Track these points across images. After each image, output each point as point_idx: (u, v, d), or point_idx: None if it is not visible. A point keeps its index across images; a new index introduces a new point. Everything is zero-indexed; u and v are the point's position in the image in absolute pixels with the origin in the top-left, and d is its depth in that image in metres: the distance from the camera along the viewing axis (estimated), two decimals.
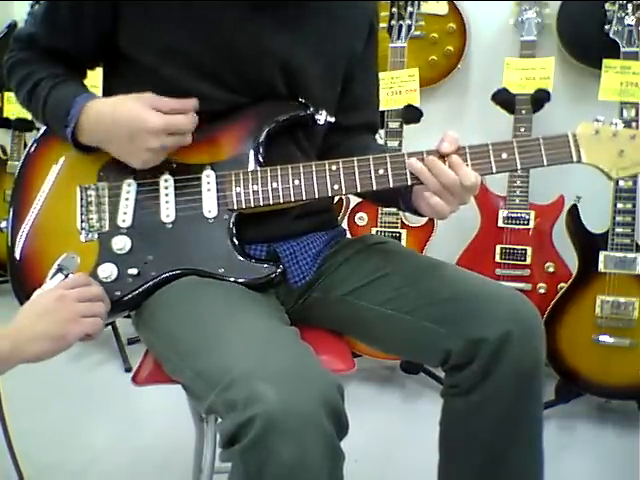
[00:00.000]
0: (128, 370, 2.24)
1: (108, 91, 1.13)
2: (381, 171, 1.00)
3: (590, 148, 0.99)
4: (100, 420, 1.94)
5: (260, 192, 1.01)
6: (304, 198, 1.01)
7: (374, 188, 1.00)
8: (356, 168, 1.00)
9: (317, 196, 1.01)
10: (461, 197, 0.97)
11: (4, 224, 1.09)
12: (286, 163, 1.02)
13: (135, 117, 0.95)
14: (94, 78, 1.18)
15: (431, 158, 0.97)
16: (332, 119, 1.13)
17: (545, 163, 0.99)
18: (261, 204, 1.02)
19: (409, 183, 0.99)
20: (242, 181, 1.02)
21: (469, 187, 0.96)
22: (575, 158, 0.99)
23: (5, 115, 2.68)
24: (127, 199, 1.04)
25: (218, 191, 1.03)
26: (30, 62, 1.07)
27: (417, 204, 1.04)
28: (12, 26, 2.75)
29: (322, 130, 1.15)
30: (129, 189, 1.04)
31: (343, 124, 1.19)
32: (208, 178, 1.03)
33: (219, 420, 0.80)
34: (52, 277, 1.02)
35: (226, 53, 1.02)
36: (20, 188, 1.10)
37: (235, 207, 1.02)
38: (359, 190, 1.01)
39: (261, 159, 1.04)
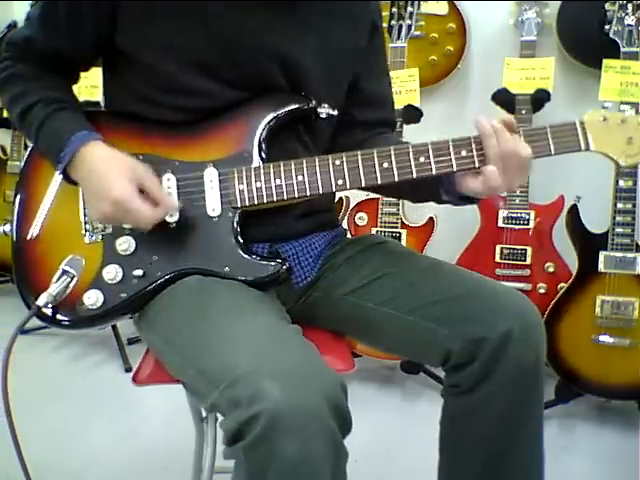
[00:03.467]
0: (128, 370, 2.25)
1: (109, 90, 1.13)
2: (385, 164, 0.99)
3: (598, 135, 0.97)
4: (100, 420, 1.94)
5: (264, 189, 1.01)
6: (308, 194, 1.01)
7: (379, 182, 0.99)
8: (360, 162, 0.99)
9: (321, 191, 1.00)
10: (511, 173, 0.95)
11: (8, 227, 1.08)
12: (288, 159, 1.02)
13: (106, 178, 0.95)
14: (94, 78, 1.18)
15: (499, 125, 0.96)
16: (335, 112, 1.13)
17: (553, 152, 0.97)
18: (265, 201, 1.01)
19: (414, 176, 0.98)
20: (245, 178, 1.02)
21: (524, 158, 0.94)
22: (583, 146, 0.98)
23: (5, 115, 2.68)
24: None
25: (221, 189, 1.02)
26: (24, 79, 1.05)
27: (463, 182, 1.00)
28: (12, 26, 2.75)
29: (327, 127, 1.15)
30: None
31: (359, 119, 1.19)
32: (211, 176, 1.02)
33: (220, 419, 0.80)
34: (57, 279, 1.02)
35: (225, 48, 1.02)
36: (24, 190, 1.09)
37: (239, 205, 1.01)
38: (363, 185, 1.00)
39: (264, 155, 1.04)
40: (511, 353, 0.97)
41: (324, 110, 1.10)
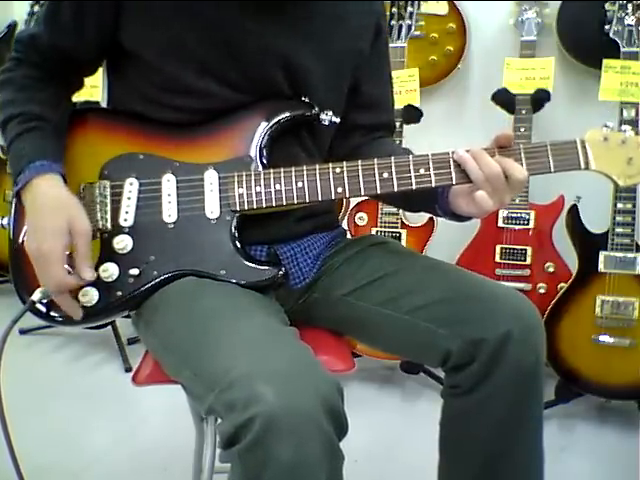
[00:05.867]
0: (128, 370, 2.25)
1: (112, 91, 1.13)
2: (385, 174, 1.00)
3: (599, 155, 0.98)
4: (100, 420, 1.94)
5: (263, 193, 1.01)
6: (307, 200, 1.01)
7: (378, 192, 1.00)
8: (360, 171, 1.00)
9: (320, 199, 1.01)
10: (502, 193, 0.95)
11: (6, 221, 1.08)
12: (290, 164, 1.02)
13: (44, 226, 0.95)
14: (94, 78, 1.18)
15: (477, 149, 0.97)
16: (337, 119, 1.13)
17: (552, 169, 0.98)
18: (264, 205, 1.01)
19: (414, 187, 0.99)
20: (245, 182, 1.02)
21: (515, 180, 0.94)
22: (583, 165, 0.98)
23: None
24: (129, 198, 1.03)
25: (221, 192, 1.02)
26: (16, 87, 1.05)
27: (456, 204, 1.01)
28: (12, 26, 2.75)
29: (329, 131, 1.15)
30: (131, 188, 1.04)
31: (358, 123, 1.19)
32: (211, 178, 1.03)
33: (219, 420, 0.80)
34: None
35: (228, 51, 1.02)
36: None
37: (238, 208, 1.01)
38: (363, 194, 1.01)
39: (264, 160, 1.04)
40: (510, 354, 0.97)
41: (327, 117, 1.10)
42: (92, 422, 1.92)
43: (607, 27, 1.82)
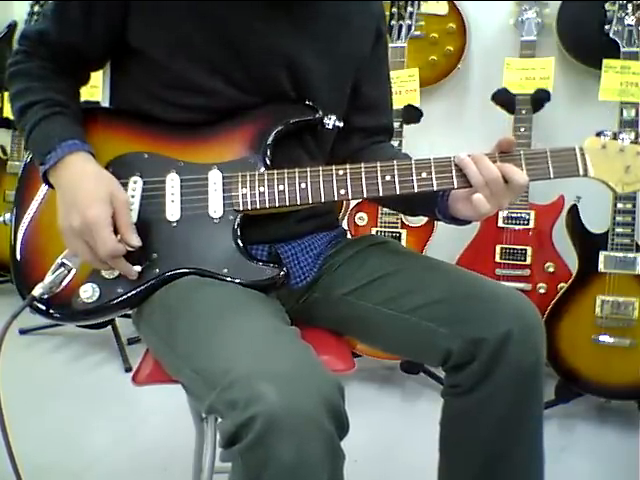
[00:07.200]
0: (128, 370, 2.25)
1: (115, 90, 1.13)
2: (388, 177, 1.00)
3: (597, 162, 0.99)
4: (100, 420, 1.93)
5: (266, 194, 1.01)
6: (310, 202, 1.01)
7: (380, 194, 1.00)
8: (363, 174, 1.00)
9: (323, 200, 1.01)
10: (500, 197, 0.96)
11: (8, 216, 1.08)
12: (293, 166, 1.02)
13: (88, 194, 0.94)
14: (94, 78, 1.18)
15: (479, 153, 0.97)
16: (341, 124, 1.13)
17: (552, 176, 0.99)
18: (267, 206, 1.01)
19: (416, 190, 0.99)
20: (249, 182, 1.02)
21: (516, 184, 0.95)
22: (582, 172, 0.99)
23: (5, 115, 2.68)
24: (133, 196, 1.03)
25: (224, 191, 1.02)
26: (31, 76, 1.05)
27: (455, 209, 1.02)
28: (12, 26, 2.75)
29: (332, 134, 1.15)
30: (135, 186, 1.03)
31: (357, 126, 1.20)
32: (214, 178, 1.03)
33: (219, 420, 0.79)
34: (54, 272, 1.01)
35: (234, 50, 1.02)
36: (24, 183, 1.09)
37: (241, 208, 1.02)
38: (365, 196, 1.01)
39: (268, 161, 1.04)
40: (511, 354, 0.97)
41: (330, 121, 1.11)
42: (92, 422, 1.92)
43: (607, 27, 1.82)
